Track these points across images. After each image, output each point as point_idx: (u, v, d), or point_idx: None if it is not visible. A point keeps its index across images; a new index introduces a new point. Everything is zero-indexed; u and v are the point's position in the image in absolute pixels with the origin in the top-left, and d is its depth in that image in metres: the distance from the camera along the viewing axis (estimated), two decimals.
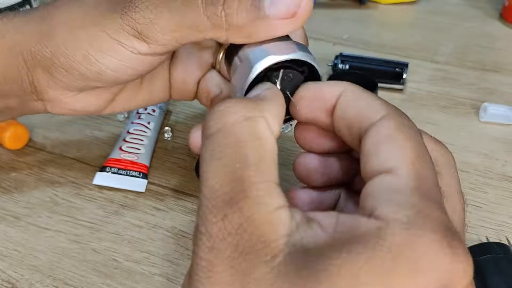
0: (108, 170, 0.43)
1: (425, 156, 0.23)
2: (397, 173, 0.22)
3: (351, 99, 0.26)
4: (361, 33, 0.67)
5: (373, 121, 0.24)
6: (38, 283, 0.36)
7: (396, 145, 0.23)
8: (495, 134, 0.49)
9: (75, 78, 0.33)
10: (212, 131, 0.23)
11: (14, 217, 0.40)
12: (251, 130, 0.23)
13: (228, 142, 0.22)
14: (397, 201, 0.21)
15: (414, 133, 0.24)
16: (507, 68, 0.60)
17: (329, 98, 0.27)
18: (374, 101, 0.25)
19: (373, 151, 0.23)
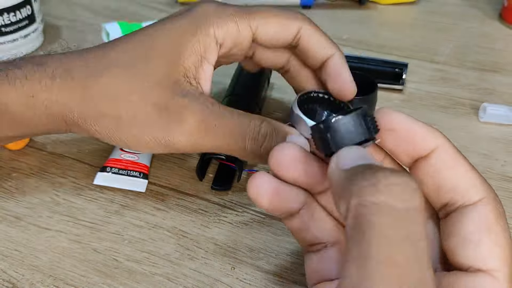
0: (109, 170, 0.43)
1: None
2: (498, 277, 0.23)
3: (448, 166, 0.27)
4: (360, 33, 0.67)
5: (471, 202, 0.25)
6: (38, 283, 0.36)
7: (496, 241, 0.24)
8: (495, 134, 0.50)
9: (117, 143, 0.37)
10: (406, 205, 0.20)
11: (15, 217, 0.41)
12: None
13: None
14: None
15: (506, 223, 0.25)
16: (506, 69, 0.60)
17: (421, 147, 0.27)
18: (471, 174, 0.26)
19: (472, 240, 0.24)
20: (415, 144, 0.27)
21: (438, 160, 0.27)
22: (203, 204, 0.42)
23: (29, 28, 0.58)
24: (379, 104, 0.50)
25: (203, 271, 0.36)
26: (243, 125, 0.34)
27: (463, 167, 0.27)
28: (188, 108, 0.33)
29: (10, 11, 0.56)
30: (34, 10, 0.59)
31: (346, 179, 0.22)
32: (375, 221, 0.19)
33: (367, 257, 0.19)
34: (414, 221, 0.20)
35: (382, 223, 0.19)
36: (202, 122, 0.33)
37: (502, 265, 0.24)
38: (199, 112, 0.33)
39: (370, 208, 0.19)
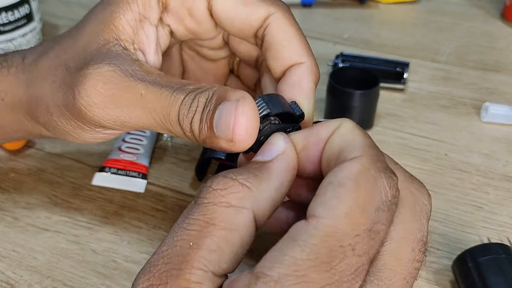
0: (107, 170, 0.43)
1: (364, 212, 0.22)
2: (310, 222, 0.21)
3: (341, 133, 0.25)
4: (361, 32, 0.67)
5: (344, 160, 0.23)
6: (37, 284, 0.35)
7: (338, 193, 0.22)
8: (496, 134, 0.49)
9: (70, 141, 0.33)
10: (199, 202, 0.23)
11: (13, 218, 0.40)
12: (227, 217, 0.22)
13: (199, 219, 0.23)
14: (280, 256, 0.21)
15: (373, 184, 0.22)
16: (508, 68, 0.59)
17: (324, 136, 0.25)
18: (358, 138, 0.25)
19: (319, 192, 0.23)
20: (319, 139, 0.25)
21: (332, 136, 0.25)
22: None
23: (27, 27, 0.58)
24: (380, 104, 0.50)
25: None
26: (173, 100, 0.27)
27: (354, 134, 0.25)
28: (103, 72, 0.28)
29: (8, 10, 0.55)
30: (33, 9, 0.58)
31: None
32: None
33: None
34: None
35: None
36: (119, 90, 0.28)
37: (326, 214, 0.21)
38: (118, 77, 0.28)
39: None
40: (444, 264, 0.37)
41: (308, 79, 0.30)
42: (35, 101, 0.32)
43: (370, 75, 0.49)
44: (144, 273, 0.23)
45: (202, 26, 0.32)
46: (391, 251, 0.24)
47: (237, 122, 0.25)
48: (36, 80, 0.32)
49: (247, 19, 0.30)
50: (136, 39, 0.31)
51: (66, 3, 0.73)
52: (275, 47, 0.30)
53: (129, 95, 0.28)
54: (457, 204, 0.42)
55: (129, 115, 0.28)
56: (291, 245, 0.21)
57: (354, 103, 0.47)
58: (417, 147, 0.48)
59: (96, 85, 0.28)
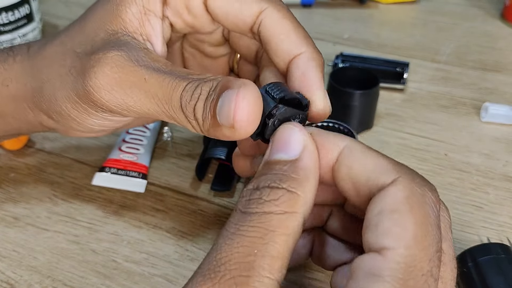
0: (108, 170, 0.43)
1: (428, 233, 0.22)
2: (387, 256, 0.21)
3: (358, 157, 0.25)
4: (361, 32, 0.67)
5: (383, 185, 0.23)
6: (37, 284, 0.35)
7: (397, 221, 0.22)
8: (496, 134, 0.49)
9: (72, 129, 0.34)
10: (250, 211, 0.23)
11: (13, 218, 0.40)
12: (285, 223, 0.23)
13: (259, 226, 0.22)
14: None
15: (423, 202, 0.23)
16: (508, 68, 0.59)
17: (330, 152, 0.25)
18: (382, 161, 0.24)
19: (374, 223, 0.23)
20: (325, 150, 0.26)
21: (347, 158, 0.25)
22: (203, 204, 0.41)
23: (27, 27, 0.58)
24: (380, 104, 0.50)
25: None
26: (175, 86, 0.27)
27: (371, 158, 0.24)
28: (112, 56, 0.29)
29: (9, 10, 0.55)
30: (33, 9, 0.58)
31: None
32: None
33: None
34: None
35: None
36: (126, 74, 0.29)
37: (398, 244, 0.21)
38: (125, 62, 0.29)
39: None
40: None
41: (312, 68, 0.29)
42: (40, 86, 0.33)
43: (370, 75, 0.49)
44: (204, 280, 0.22)
45: (199, 20, 0.33)
46: (440, 276, 0.23)
47: (238, 107, 0.24)
48: (43, 66, 0.33)
49: (240, 14, 0.31)
50: (143, 31, 0.32)
51: (66, 3, 0.73)
52: (273, 42, 0.30)
53: (134, 78, 0.28)
54: (457, 204, 0.42)
55: (133, 99, 0.29)
56: (378, 282, 0.21)
57: (354, 103, 0.47)
58: (417, 147, 0.48)
59: (105, 68, 0.29)
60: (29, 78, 0.33)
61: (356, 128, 0.47)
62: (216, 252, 0.23)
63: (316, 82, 0.29)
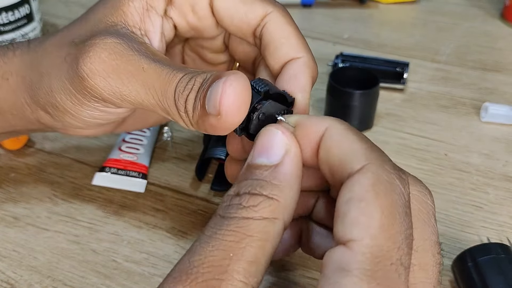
0: (108, 170, 0.43)
1: (395, 221, 0.21)
2: (353, 248, 0.21)
3: (335, 140, 0.24)
4: (361, 32, 0.67)
5: (352, 171, 0.23)
6: (37, 284, 0.35)
7: (363, 210, 0.21)
8: (496, 134, 0.49)
9: (68, 123, 0.33)
10: (229, 216, 0.23)
11: (13, 218, 0.40)
12: (262, 229, 0.22)
13: (236, 231, 0.22)
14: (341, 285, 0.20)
15: (390, 190, 0.22)
16: (508, 68, 0.59)
17: (314, 136, 0.25)
18: (357, 144, 0.24)
19: (342, 212, 0.22)
20: (308, 135, 0.25)
21: (327, 141, 0.25)
22: (203, 204, 0.41)
23: (27, 27, 0.58)
24: (380, 104, 0.50)
25: None
26: (172, 77, 0.27)
27: (348, 141, 0.24)
28: (110, 42, 0.29)
29: (9, 10, 0.55)
30: (33, 9, 0.58)
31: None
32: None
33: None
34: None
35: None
36: (123, 62, 0.28)
37: (363, 235, 0.21)
38: (124, 50, 0.29)
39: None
40: (444, 264, 0.37)
41: (305, 73, 0.30)
42: (38, 79, 0.33)
43: (370, 75, 0.49)
44: (174, 282, 0.22)
45: (203, 22, 0.33)
46: (416, 262, 0.23)
47: (224, 93, 0.24)
48: (42, 58, 0.33)
49: (245, 17, 0.31)
50: (143, 26, 0.32)
51: (66, 3, 0.73)
52: (273, 45, 0.30)
53: (131, 67, 0.28)
54: (457, 204, 0.42)
55: (129, 88, 0.29)
56: (347, 277, 0.21)
57: (354, 103, 0.47)
58: (417, 147, 0.48)
59: (101, 53, 0.29)
60: (28, 71, 0.33)
61: (356, 128, 0.47)
62: (190, 254, 0.22)
63: (305, 85, 0.29)
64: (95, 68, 0.29)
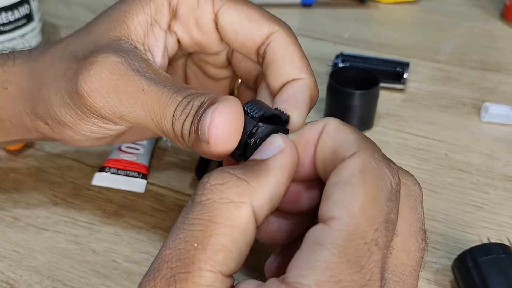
0: (107, 170, 0.43)
1: (377, 205, 0.22)
2: (332, 225, 0.21)
3: (329, 135, 0.25)
4: (361, 32, 0.67)
5: (343, 158, 0.23)
6: (37, 284, 0.35)
7: (348, 191, 0.22)
8: (496, 134, 0.49)
9: (67, 136, 0.33)
10: (197, 200, 0.22)
11: (13, 218, 0.40)
12: (228, 214, 0.22)
13: (201, 218, 0.22)
14: (312, 262, 0.20)
15: (377, 176, 0.22)
16: (508, 68, 0.59)
17: (312, 140, 0.25)
18: (349, 135, 0.24)
19: (327, 194, 0.22)
20: (308, 140, 0.26)
21: (323, 137, 0.25)
22: None
23: (27, 27, 0.58)
24: (380, 104, 0.50)
25: None
26: (172, 101, 0.27)
27: (342, 133, 0.25)
28: (112, 61, 0.29)
29: (8, 10, 0.55)
30: (32, 9, 0.58)
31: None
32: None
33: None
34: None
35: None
36: (124, 82, 0.28)
37: (343, 214, 0.21)
38: (125, 70, 0.28)
39: None
40: (444, 264, 0.37)
41: (304, 93, 0.29)
42: (37, 90, 0.32)
43: (370, 75, 0.49)
44: (148, 279, 0.22)
45: (207, 37, 0.33)
46: (399, 245, 0.24)
47: (212, 122, 0.25)
48: (42, 69, 0.32)
49: (250, 34, 0.31)
50: (146, 41, 0.31)
51: (66, 3, 0.73)
52: (276, 64, 0.30)
53: (132, 88, 0.28)
54: (457, 204, 0.42)
55: (128, 109, 0.28)
56: (319, 250, 0.21)
57: (354, 103, 0.47)
58: (417, 147, 0.48)
59: (102, 72, 0.29)
60: (27, 81, 0.33)
61: (356, 128, 0.47)
62: (162, 249, 0.22)
63: (302, 104, 0.29)
64: (95, 87, 0.29)
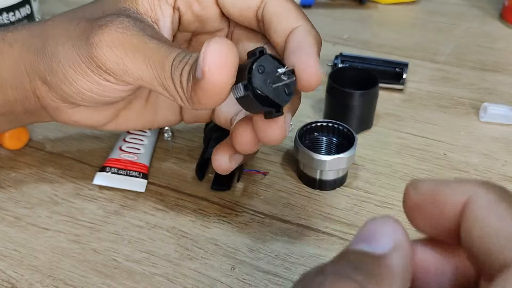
0: (108, 170, 0.43)
1: None
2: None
3: (479, 219, 0.18)
4: (361, 33, 0.67)
5: (505, 263, 0.17)
6: (38, 283, 0.35)
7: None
8: (495, 134, 0.49)
9: (64, 94, 0.34)
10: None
11: (14, 217, 0.40)
12: None
13: None
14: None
15: None
16: (507, 68, 0.60)
17: (451, 210, 0.19)
18: (508, 224, 0.18)
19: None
20: (442, 207, 0.19)
21: (471, 219, 0.19)
22: (203, 204, 0.42)
23: None
24: (380, 104, 0.50)
25: (203, 271, 0.36)
26: (170, 52, 0.29)
27: (497, 221, 0.18)
28: (121, 20, 0.31)
29: (10, 10, 0.56)
30: (34, 10, 0.58)
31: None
32: None
33: None
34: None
35: None
36: (130, 36, 0.30)
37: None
38: (131, 27, 0.31)
39: None
40: None
41: (307, 37, 0.31)
42: (43, 45, 0.34)
43: (370, 75, 0.49)
44: None
45: (207, 11, 0.35)
46: None
47: (206, 52, 0.25)
48: (51, 28, 0.34)
49: (246, 1, 0.33)
50: (153, 15, 0.33)
51: (66, 3, 0.73)
52: (274, 21, 0.32)
53: (136, 41, 0.30)
54: None
55: (132, 60, 0.30)
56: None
57: (354, 103, 0.47)
58: (416, 147, 0.48)
59: (111, 27, 0.31)
60: (34, 40, 0.35)
61: (355, 128, 0.47)
62: None
63: (309, 51, 0.30)
64: (104, 39, 0.31)
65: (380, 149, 0.47)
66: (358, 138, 0.46)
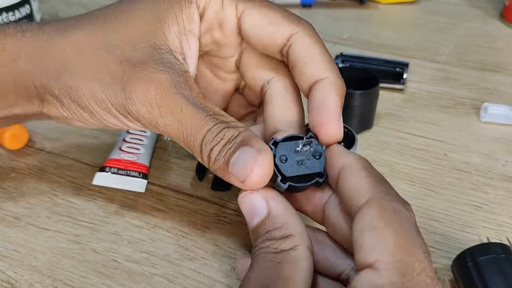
0: (108, 170, 0.43)
1: (409, 238, 0.24)
2: (378, 269, 0.23)
3: (346, 178, 0.28)
4: (361, 32, 0.67)
5: (359, 206, 0.26)
6: (37, 283, 0.35)
7: (376, 236, 0.24)
8: (496, 134, 0.49)
9: (83, 119, 0.34)
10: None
11: (14, 218, 0.40)
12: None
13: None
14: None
15: (396, 215, 0.25)
16: (507, 68, 0.59)
17: (336, 167, 0.29)
18: (363, 180, 0.27)
19: (358, 244, 0.24)
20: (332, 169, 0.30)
21: (341, 178, 0.28)
22: (203, 204, 0.41)
23: None
24: (380, 104, 0.50)
25: (203, 271, 0.36)
26: (204, 124, 0.29)
27: (356, 177, 0.27)
28: (159, 77, 0.30)
29: (9, 10, 0.56)
30: (33, 10, 0.58)
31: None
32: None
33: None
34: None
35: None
36: (167, 98, 0.30)
37: (383, 255, 0.23)
38: (169, 86, 0.30)
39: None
40: (443, 263, 0.37)
41: (332, 94, 0.31)
42: (58, 70, 0.32)
43: (370, 75, 0.49)
44: None
45: (228, 39, 0.34)
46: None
47: (253, 170, 0.27)
48: (69, 52, 0.32)
49: (272, 37, 0.32)
50: (182, 51, 0.32)
51: (66, 3, 0.73)
52: (299, 64, 0.31)
53: (172, 104, 0.30)
54: (457, 204, 0.42)
55: (165, 121, 0.30)
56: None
57: (354, 103, 0.47)
58: (417, 147, 0.48)
59: (150, 86, 0.30)
60: (46, 59, 0.33)
61: (356, 128, 0.47)
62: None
63: (332, 109, 0.30)
64: (142, 97, 0.30)
65: (381, 149, 0.47)
66: (359, 138, 0.46)
